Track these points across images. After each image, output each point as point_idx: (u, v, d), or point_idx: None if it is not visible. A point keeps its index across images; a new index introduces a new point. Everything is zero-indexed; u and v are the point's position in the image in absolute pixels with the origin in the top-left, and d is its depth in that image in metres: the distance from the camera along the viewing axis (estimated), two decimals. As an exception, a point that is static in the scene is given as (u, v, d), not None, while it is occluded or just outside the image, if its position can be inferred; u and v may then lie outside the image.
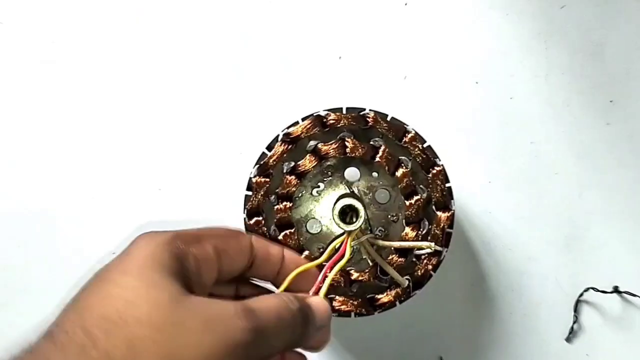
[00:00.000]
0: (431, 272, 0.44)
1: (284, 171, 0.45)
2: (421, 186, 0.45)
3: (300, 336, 0.35)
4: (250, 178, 0.44)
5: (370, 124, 0.44)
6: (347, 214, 0.42)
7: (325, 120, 0.44)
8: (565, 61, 0.54)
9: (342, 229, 0.41)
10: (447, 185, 0.44)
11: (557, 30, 0.55)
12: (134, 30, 0.55)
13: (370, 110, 0.44)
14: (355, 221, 0.41)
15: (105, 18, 0.54)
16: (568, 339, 0.53)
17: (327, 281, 0.40)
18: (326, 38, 0.55)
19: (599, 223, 0.54)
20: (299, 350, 0.37)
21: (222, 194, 0.53)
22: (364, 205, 0.41)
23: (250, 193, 0.44)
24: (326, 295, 0.39)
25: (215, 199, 0.53)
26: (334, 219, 0.41)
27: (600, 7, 0.54)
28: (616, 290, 0.52)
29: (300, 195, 0.46)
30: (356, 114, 0.44)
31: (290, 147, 0.44)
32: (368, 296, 0.45)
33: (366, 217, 0.42)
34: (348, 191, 0.46)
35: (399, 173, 0.44)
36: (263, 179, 0.44)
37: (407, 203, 0.45)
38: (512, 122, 0.54)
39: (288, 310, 0.34)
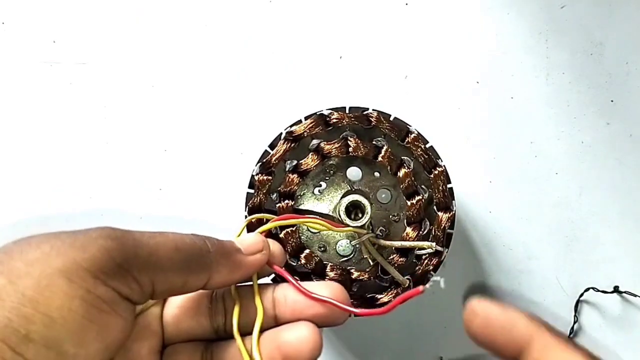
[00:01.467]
0: (432, 273, 0.44)
1: (286, 169, 0.45)
2: (423, 186, 0.45)
3: (206, 254, 0.32)
4: (253, 175, 0.44)
5: (373, 123, 0.44)
6: (350, 212, 0.42)
7: (328, 119, 0.44)
8: (565, 61, 0.55)
9: (349, 225, 0.41)
10: (448, 186, 0.45)
11: (557, 30, 0.55)
12: (135, 31, 0.54)
13: (373, 110, 0.44)
14: (361, 217, 0.41)
15: (105, 18, 0.54)
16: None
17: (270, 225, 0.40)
18: (327, 38, 0.55)
19: (599, 223, 0.54)
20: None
21: (223, 194, 0.53)
22: (370, 202, 0.41)
23: (252, 191, 0.44)
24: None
25: (216, 199, 0.53)
26: (339, 215, 0.41)
27: (600, 7, 0.55)
28: (616, 290, 0.52)
29: (302, 193, 0.46)
30: (359, 113, 0.44)
31: (292, 145, 0.44)
32: (368, 296, 0.45)
33: (371, 214, 0.42)
34: (350, 190, 0.46)
35: (400, 173, 0.44)
36: (265, 177, 0.44)
37: (409, 203, 0.45)
38: (512, 122, 0.54)
39: (176, 236, 0.32)
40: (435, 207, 0.45)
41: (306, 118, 0.44)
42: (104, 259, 0.27)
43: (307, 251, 0.45)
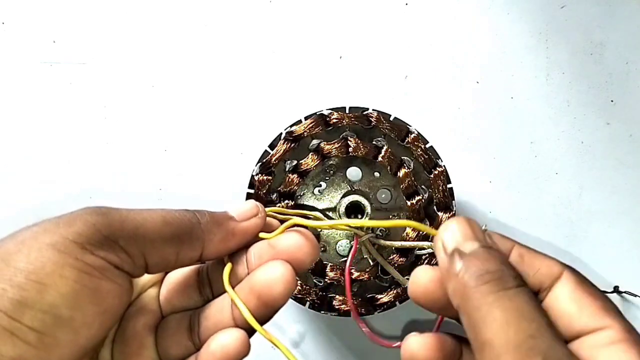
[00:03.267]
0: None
1: (286, 169, 0.45)
2: (423, 187, 0.45)
3: (197, 225, 0.32)
4: (253, 175, 0.44)
5: (373, 123, 0.44)
6: (350, 212, 0.42)
7: (328, 119, 0.44)
8: (565, 61, 0.55)
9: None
10: (448, 186, 0.44)
11: (557, 30, 0.55)
12: (135, 31, 0.54)
13: (373, 110, 0.44)
14: (361, 218, 0.41)
15: (105, 18, 0.54)
16: (568, 339, 0.53)
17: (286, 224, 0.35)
18: (327, 38, 0.55)
19: (599, 223, 0.54)
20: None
21: (223, 194, 0.53)
22: (370, 202, 0.41)
23: (252, 191, 0.44)
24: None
25: (216, 199, 0.53)
26: (339, 215, 0.41)
27: (600, 7, 0.55)
28: (616, 290, 0.52)
29: (302, 193, 0.46)
30: (359, 113, 0.44)
31: (292, 145, 0.44)
32: (368, 296, 0.45)
33: (371, 215, 0.42)
34: (350, 190, 0.46)
35: (400, 173, 0.44)
36: (265, 177, 0.44)
37: (409, 203, 0.45)
38: (512, 122, 0.54)
39: (164, 211, 0.31)
40: (435, 207, 0.45)
41: (306, 118, 0.44)
42: (90, 232, 0.28)
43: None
